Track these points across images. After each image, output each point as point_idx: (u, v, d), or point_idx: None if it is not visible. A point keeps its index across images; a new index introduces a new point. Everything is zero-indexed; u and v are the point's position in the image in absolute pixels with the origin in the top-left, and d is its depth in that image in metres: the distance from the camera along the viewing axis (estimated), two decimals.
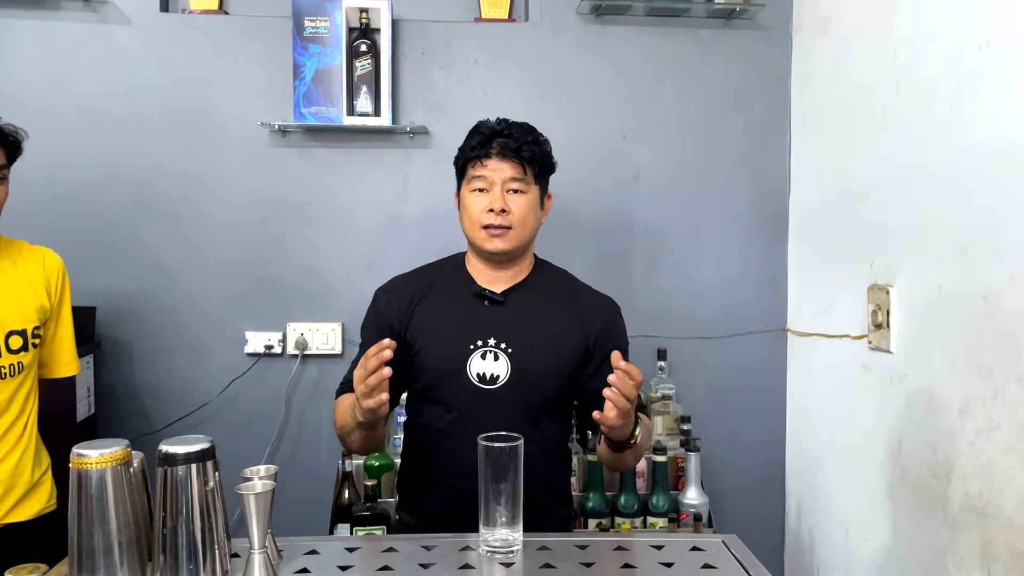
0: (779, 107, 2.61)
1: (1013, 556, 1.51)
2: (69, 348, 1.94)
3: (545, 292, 1.70)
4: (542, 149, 1.67)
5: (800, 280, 2.57)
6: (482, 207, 1.61)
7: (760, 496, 2.65)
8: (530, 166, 1.63)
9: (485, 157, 1.62)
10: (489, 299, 1.66)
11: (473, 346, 1.61)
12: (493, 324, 1.63)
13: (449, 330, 1.64)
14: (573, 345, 1.65)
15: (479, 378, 1.60)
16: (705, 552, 1.22)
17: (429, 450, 1.67)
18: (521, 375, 1.60)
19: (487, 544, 1.21)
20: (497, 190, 1.61)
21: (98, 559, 1.05)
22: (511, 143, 1.62)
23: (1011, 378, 1.52)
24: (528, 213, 1.63)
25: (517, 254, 1.67)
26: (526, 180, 1.63)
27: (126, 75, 2.47)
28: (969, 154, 1.66)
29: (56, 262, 1.90)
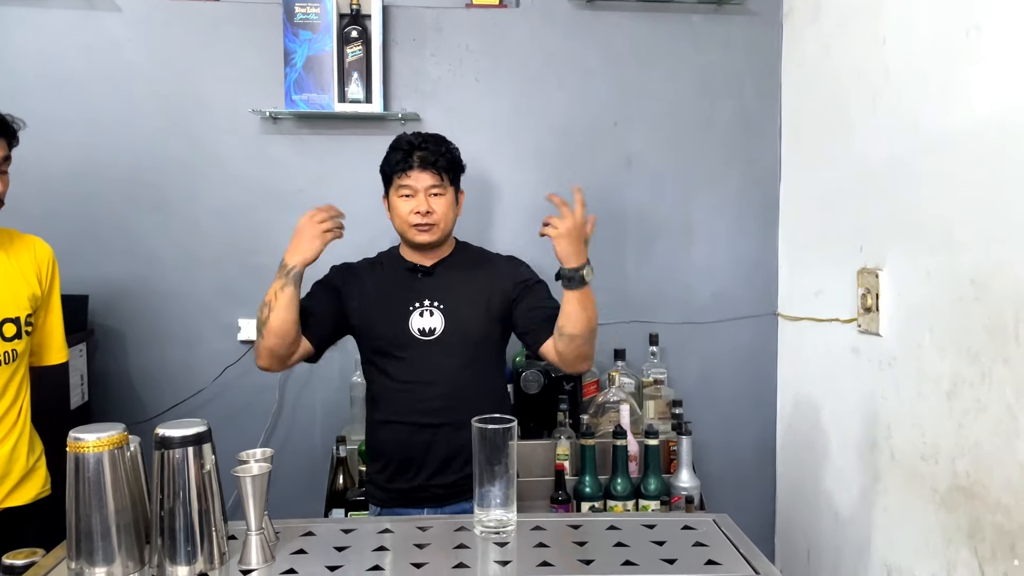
0: (770, 93, 2.62)
1: (1000, 535, 1.53)
2: (59, 336, 1.95)
3: (465, 262, 2.03)
4: (453, 156, 1.97)
5: (791, 265, 2.58)
6: (409, 209, 1.92)
7: (751, 479, 2.68)
8: (445, 173, 1.93)
9: (408, 168, 1.92)
10: (421, 271, 1.98)
11: (412, 307, 1.94)
12: (427, 289, 1.96)
13: (392, 297, 1.96)
14: (491, 293, 1.96)
15: (420, 332, 1.92)
16: (696, 531, 1.23)
17: (387, 399, 1.95)
18: (453, 325, 1.93)
19: (482, 524, 1.23)
20: (421, 196, 1.91)
21: (96, 542, 1.06)
22: (429, 156, 1.91)
23: (998, 360, 1.54)
24: (447, 211, 1.95)
25: (441, 242, 1.98)
26: (443, 185, 1.93)
27: (116, 62, 2.46)
28: (958, 139, 1.67)
29: (46, 250, 1.91)
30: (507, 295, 1.98)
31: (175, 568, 1.07)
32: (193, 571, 1.07)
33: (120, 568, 1.07)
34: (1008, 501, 1.51)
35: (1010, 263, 1.51)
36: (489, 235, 2.58)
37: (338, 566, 1.10)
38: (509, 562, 1.12)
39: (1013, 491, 1.50)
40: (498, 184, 2.59)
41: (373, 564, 1.11)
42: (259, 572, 1.08)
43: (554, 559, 1.13)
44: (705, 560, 1.13)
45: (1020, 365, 1.47)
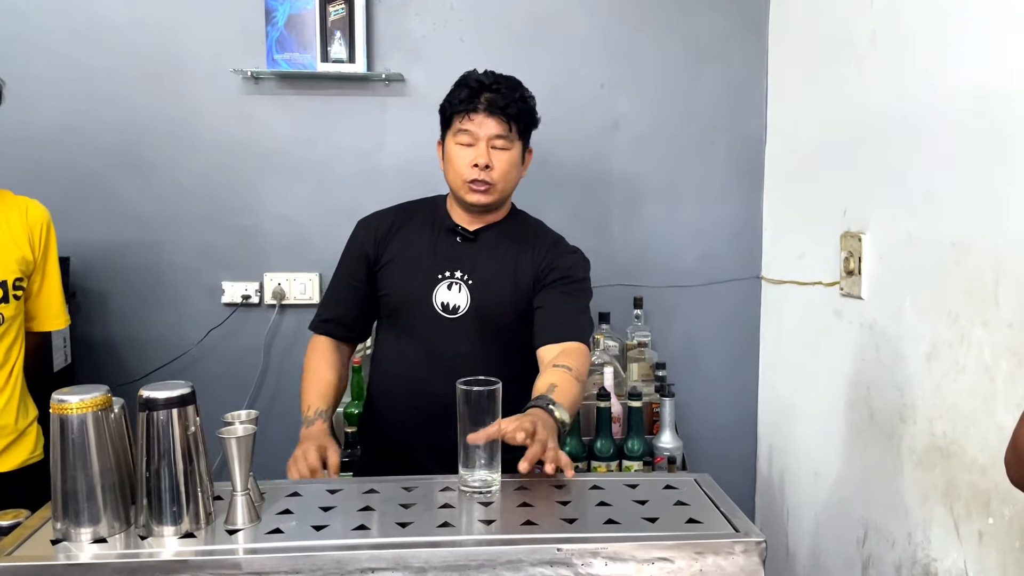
0: (757, 56, 2.60)
1: (975, 494, 1.56)
2: (57, 301, 1.94)
3: (514, 235, 1.79)
4: (527, 106, 1.71)
5: (775, 228, 2.59)
6: (467, 161, 1.67)
7: (733, 440, 2.72)
8: (515, 123, 1.68)
9: (472, 111, 1.66)
10: (461, 235, 1.76)
11: (441, 276, 1.72)
12: (461, 258, 1.74)
13: (420, 260, 1.74)
14: (526, 278, 1.75)
15: (443, 307, 1.71)
16: (678, 490, 1.25)
17: (396, 376, 1.77)
18: (478, 306, 1.71)
19: (465, 484, 1.24)
20: (482, 145, 1.66)
21: (81, 503, 1.06)
22: (499, 100, 1.65)
23: (977, 322, 1.55)
24: (510, 169, 1.70)
25: (497, 206, 1.76)
26: (510, 137, 1.68)
27: (94, 20, 2.42)
28: (940, 103, 1.67)
29: (40, 213, 1.87)
30: (536, 277, 1.75)
31: (161, 528, 1.07)
32: (179, 531, 1.08)
33: (106, 528, 1.07)
34: (984, 461, 1.54)
35: (990, 226, 1.52)
36: None
37: (324, 526, 1.11)
38: (493, 521, 1.14)
39: (989, 451, 1.52)
40: None
41: (359, 524, 1.12)
42: (245, 532, 1.09)
43: (538, 518, 1.14)
44: (686, 519, 1.14)
45: (998, 327, 1.49)
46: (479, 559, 1.04)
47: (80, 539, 1.06)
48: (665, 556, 1.06)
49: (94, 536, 1.07)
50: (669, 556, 1.06)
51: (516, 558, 1.04)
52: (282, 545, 1.06)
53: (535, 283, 1.75)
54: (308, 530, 1.10)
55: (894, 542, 1.85)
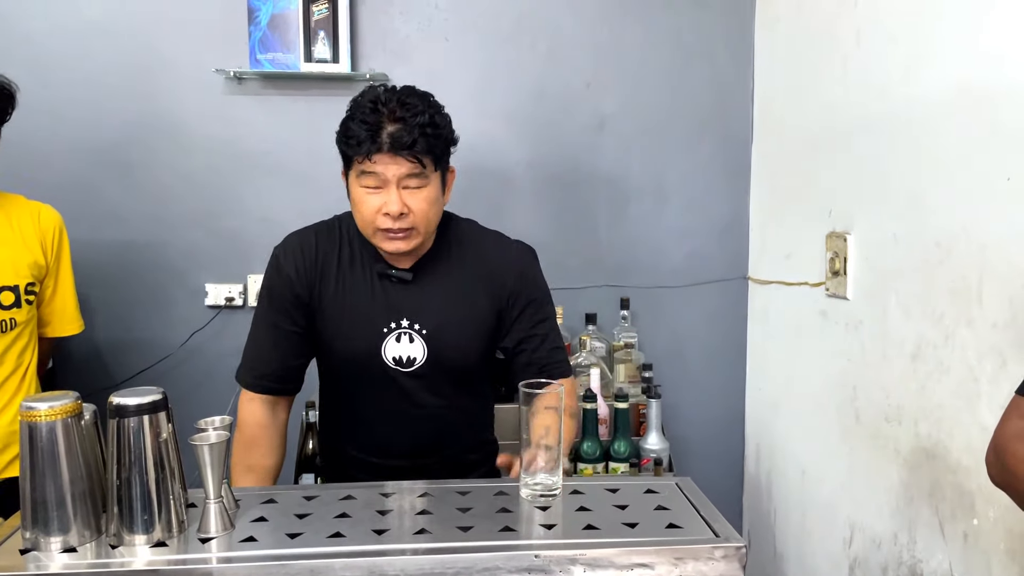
0: (743, 55, 2.59)
1: (959, 495, 1.56)
2: (71, 306, 1.96)
3: (454, 260, 1.58)
4: (439, 131, 1.45)
5: (761, 228, 2.58)
6: (375, 208, 1.43)
7: (720, 441, 2.71)
8: (428, 155, 1.43)
9: (375, 151, 1.40)
10: (398, 279, 1.54)
11: (387, 329, 1.53)
12: (404, 304, 1.54)
13: (360, 312, 1.54)
14: (486, 313, 1.58)
15: (395, 361, 1.54)
16: (659, 494, 1.24)
17: (347, 429, 1.65)
18: (437, 355, 1.54)
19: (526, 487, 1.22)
20: (392, 190, 1.42)
21: (51, 511, 1.04)
22: (404, 135, 1.39)
23: (962, 322, 1.55)
24: (432, 207, 1.46)
25: (423, 245, 1.54)
26: (424, 173, 1.43)
27: (75, 21, 2.39)
28: (924, 102, 1.66)
29: (52, 218, 1.88)
30: (500, 312, 1.58)
31: (132, 537, 1.05)
32: (151, 540, 1.06)
33: (76, 537, 1.05)
34: (968, 462, 1.53)
35: (975, 226, 1.51)
36: (458, 200, 2.55)
37: (299, 533, 1.09)
38: (470, 528, 1.12)
39: (973, 452, 1.52)
40: (467, 148, 2.55)
41: (334, 531, 1.10)
42: (218, 540, 1.07)
43: (516, 524, 1.13)
44: (667, 523, 1.13)
45: (982, 327, 1.49)
46: (455, 566, 1.03)
47: (50, 548, 1.04)
48: (644, 562, 1.05)
49: (64, 545, 1.05)
50: (649, 562, 1.05)
51: (493, 565, 1.03)
52: (256, 554, 1.04)
53: (499, 318, 1.59)
54: (283, 538, 1.08)
55: (880, 543, 1.84)
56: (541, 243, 2.55)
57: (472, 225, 1.67)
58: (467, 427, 1.67)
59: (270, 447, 1.62)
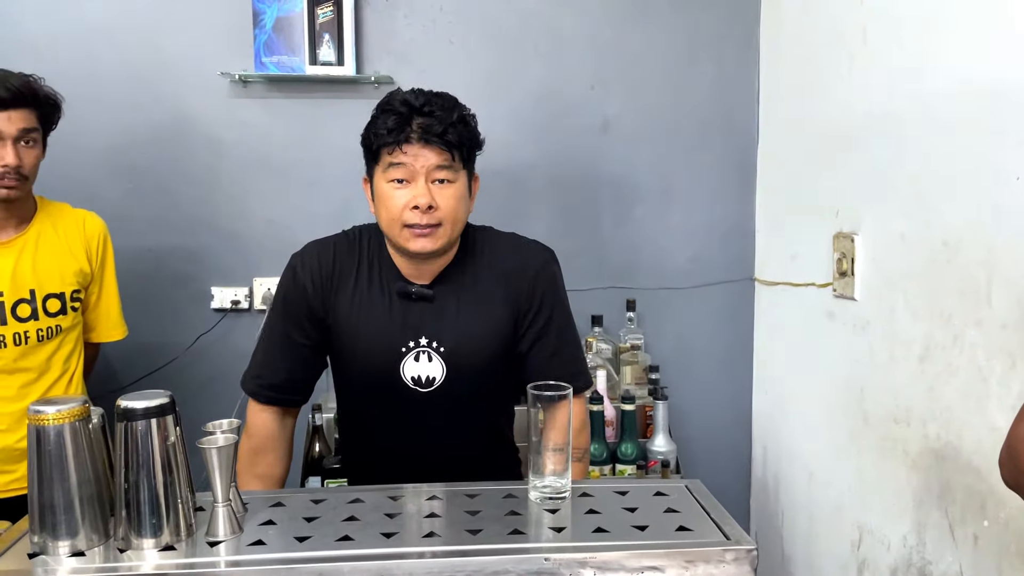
0: (748, 55, 2.59)
1: (970, 496, 1.55)
2: (115, 312, 2.01)
3: (471, 271, 1.55)
4: (469, 128, 1.46)
5: (767, 229, 2.58)
6: (404, 202, 1.41)
7: (727, 443, 2.70)
8: (457, 150, 1.42)
9: (404, 142, 1.40)
10: (416, 296, 1.52)
11: (405, 348, 1.50)
12: (424, 322, 1.51)
13: (378, 330, 1.51)
14: (504, 323, 1.55)
15: (414, 381, 1.51)
16: (668, 497, 1.23)
17: (364, 446, 1.64)
18: (457, 375, 1.51)
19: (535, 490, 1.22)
20: (421, 181, 1.41)
21: (59, 515, 1.04)
22: (435, 124, 1.39)
23: (970, 323, 1.54)
24: (458, 206, 1.45)
25: (446, 250, 1.50)
26: (454, 167, 1.43)
27: (80, 25, 2.40)
28: (932, 101, 1.66)
29: (97, 225, 1.94)
30: (518, 319, 1.55)
31: (140, 541, 1.05)
32: (159, 543, 1.06)
33: (84, 541, 1.05)
34: (979, 463, 1.52)
35: (983, 226, 1.50)
36: None
37: (307, 537, 1.09)
38: (480, 531, 1.12)
39: (983, 454, 1.51)
40: None
41: (343, 535, 1.10)
42: (226, 544, 1.07)
43: (525, 527, 1.12)
44: (677, 526, 1.13)
45: (991, 328, 1.48)
46: (465, 570, 1.02)
47: (58, 552, 1.04)
48: (655, 565, 1.05)
49: (72, 550, 1.05)
50: (659, 565, 1.05)
51: (502, 568, 1.02)
52: (264, 557, 1.04)
53: (516, 325, 1.56)
54: (291, 541, 1.08)
55: (889, 545, 1.83)
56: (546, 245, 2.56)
57: (488, 231, 1.64)
58: (489, 440, 1.64)
59: (277, 457, 1.61)
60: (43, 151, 1.79)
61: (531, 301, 1.56)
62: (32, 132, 1.72)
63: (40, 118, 1.74)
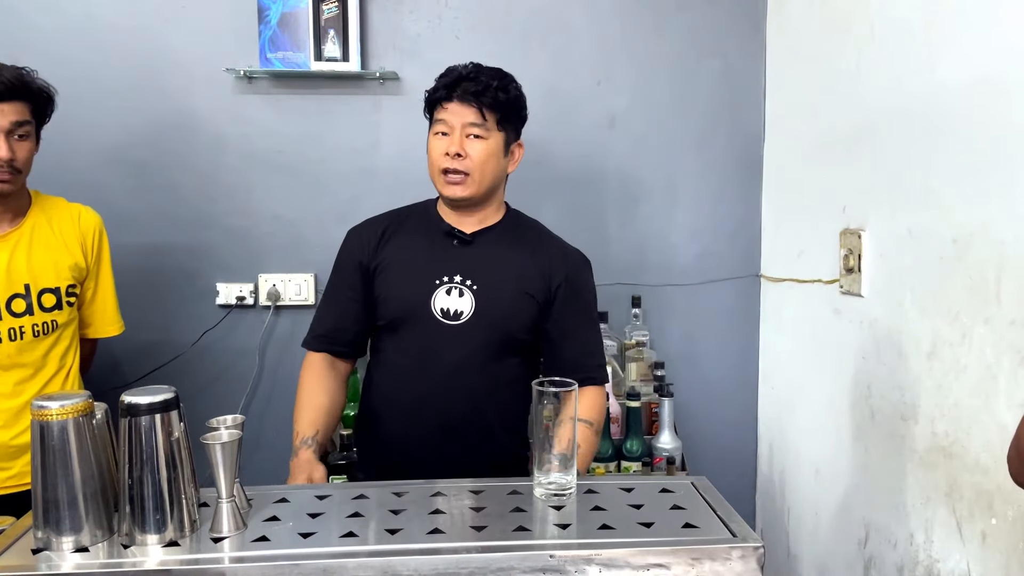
0: (755, 51, 2.57)
1: (977, 494, 1.54)
2: (112, 307, 1.98)
3: (513, 237, 1.73)
4: (508, 96, 1.65)
5: (774, 226, 2.57)
6: (441, 150, 1.63)
7: (732, 440, 2.69)
8: (490, 111, 1.63)
9: (447, 100, 1.63)
10: (458, 238, 1.69)
11: (439, 281, 1.65)
12: (460, 262, 1.66)
13: (416, 265, 1.67)
14: (536, 288, 1.68)
15: (443, 313, 1.63)
16: (674, 494, 1.23)
17: (393, 387, 1.70)
18: (484, 312, 1.64)
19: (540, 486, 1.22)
20: (456, 134, 1.62)
21: (63, 511, 1.04)
22: (473, 87, 1.61)
23: (979, 320, 1.53)
24: (487, 160, 1.63)
25: (478, 200, 1.68)
26: (486, 126, 1.63)
27: (86, 20, 2.40)
28: (941, 97, 1.64)
29: (92, 220, 1.91)
30: (549, 295, 1.69)
31: (144, 536, 1.05)
32: (163, 539, 1.06)
33: (88, 537, 1.05)
34: (987, 461, 1.51)
35: (992, 222, 1.49)
36: None
37: (311, 533, 1.08)
38: (484, 527, 1.11)
39: (991, 451, 1.50)
40: None
41: (347, 531, 1.09)
42: (230, 540, 1.07)
43: (530, 524, 1.12)
44: (683, 523, 1.12)
45: (1000, 325, 1.47)
46: (470, 566, 1.02)
47: (62, 548, 1.04)
48: (661, 562, 1.04)
49: (76, 545, 1.05)
50: (665, 562, 1.04)
51: (507, 565, 1.02)
52: (268, 553, 1.04)
53: (545, 297, 1.69)
54: (296, 537, 1.08)
55: (896, 543, 1.82)
56: None
57: (537, 223, 1.82)
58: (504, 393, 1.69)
59: (323, 387, 1.70)
60: (36, 144, 1.77)
61: (565, 281, 1.70)
62: (25, 125, 1.70)
63: (33, 111, 1.72)
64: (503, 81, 1.66)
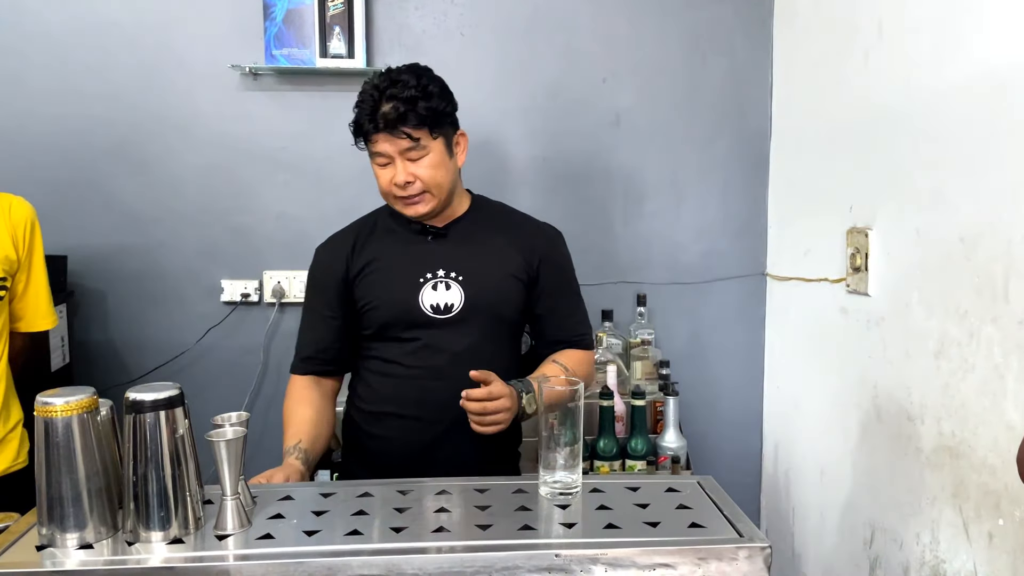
0: (761, 49, 2.56)
1: (984, 495, 1.53)
2: (44, 301, 1.88)
3: (485, 223, 1.72)
4: (430, 103, 1.56)
5: (780, 224, 2.56)
6: (388, 180, 1.59)
7: (738, 439, 2.68)
8: (420, 129, 1.55)
9: (373, 133, 1.56)
10: (432, 233, 1.68)
11: (423, 279, 1.64)
12: (440, 255, 1.66)
13: (397, 267, 1.66)
14: (519, 268, 1.68)
15: (434, 309, 1.63)
16: (680, 493, 1.22)
17: (387, 389, 1.67)
18: (475, 300, 1.63)
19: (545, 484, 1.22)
20: (398, 163, 1.57)
21: (67, 507, 1.03)
22: (394, 114, 1.53)
23: (987, 320, 1.52)
24: (436, 172, 1.59)
25: (442, 208, 1.66)
26: (422, 143, 1.56)
27: (91, 17, 2.39)
28: (950, 96, 1.63)
29: (24, 211, 1.82)
30: (532, 273, 1.70)
31: (149, 533, 1.05)
32: (167, 536, 1.05)
33: (92, 534, 1.05)
34: (994, 461, 1.50)
35: (1000, 222, 1.48)
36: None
37: (316, 531, 1.08)
38: (489, 526, 1.11)
39: (999, 451, 1.49)
40: (483, 142, 2.54)
41: (352, 529, 1.09)
42: (235, 537, 1.07)
43: (535, 522, 1.12)
44: (689, 523, 1.12)
45: (1008, 324, 1.46)
46: (474, 565, 1.01)
47: (66, 545, 1.04)
48: (667, 562, 1.04)
49: (80, 542, 1.04)
50: (671, 562, 1.04)
51: (512, 564, 1.02)
52: (273, 551, 1.03)
53: (529, 276, 1.69)
54: (300, 535, 1.07)
55: (902, 543, 1.82)
56: None
57: (503, 204, 1.81)
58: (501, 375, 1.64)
59: (308, 402, 1.67)
60: None
61: (544, 260, 1.71)
62: None
63: None
64: (421, 88, 1.56)
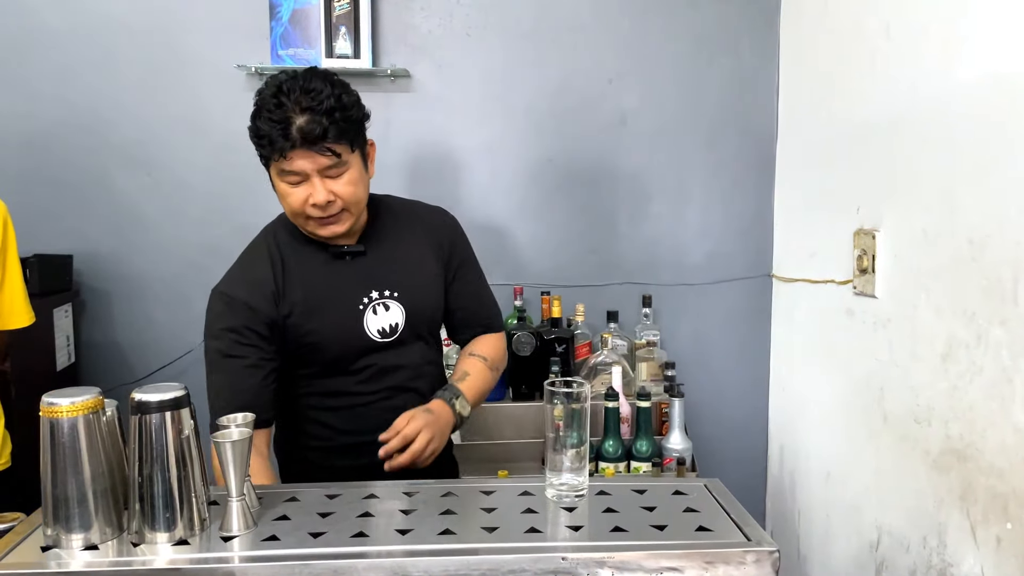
0: (768, 50, 2.56)
1: (992, 498, 1.52)
2: (19, 298, 1.84)
3: (392, 226, 1.62)
4: (350, 115, 1.42)
5: (786, 225, 2.55)
6: (302, 200, 1.43)
7: (743, 441, 2.67)
8: (340, 143, 1.41)
9: (289, 150, 1.38)
10: (351, 255, 1.55)
11: (361, 304, 1.54)
12: (368, 275, 1.55)
13: (331, 297, 1.52)
14: (437, 264, 1.64)
15: (381, 333, 1.55)
16: (687, 496, 1.21)
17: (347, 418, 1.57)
18: (415, 313, 1.58)
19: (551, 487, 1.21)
20: (315, 181, 1.42)
21: (72, 508, 1.03)
22: (314, 128, 1.36)
23: (995, 322, 1.51)
24: (356, 187, 1.46)
25: (357, 225, 1.54)
26: (342, 160, 1.42)
27: (97, 17, 2.39)
28: (957, 97, 1.63)
29: None
30: (445, 264, 1.65)
31: (154, 534, 1.04)
32: (173, 538, 1.05)
33: (97, 534, 1.04)
34: (1002, 464, 1.50)
35: (1009, 223, 1.47)
36: (480, 197, 2.53)
37: (321, 533, 1.08)
38: (496, 528, 1.10)
39: (1007, 454, 1.48)
40: (489, 143, 2.54)
41: (357, 531, 1.08)
42: (240, 539, 1.06)
43: (542, 525, 1.11)
44: (696, 526, 1.11)
45: (1017, 327, 1.45)
46: (481, 568, 1.01)
47: (71, 546, 1.04)
48: (674, 566, 1.03)
49: (85, 543, 1.04)
50: (678, 566, 1.03)
51: (519, 567, 1.01)
52: (278, 553, 1.03)
53: (444, 269, 1.65)
54: (306, 537, 1.07)
55: (908, 546, 1.81)
56: (561, 240, 2.54)
57: (394, 198, 1.70)
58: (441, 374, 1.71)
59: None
60: None
61: (452, 251, 1.67)
62: None
63: None
64: (338, 95, 1.41)
